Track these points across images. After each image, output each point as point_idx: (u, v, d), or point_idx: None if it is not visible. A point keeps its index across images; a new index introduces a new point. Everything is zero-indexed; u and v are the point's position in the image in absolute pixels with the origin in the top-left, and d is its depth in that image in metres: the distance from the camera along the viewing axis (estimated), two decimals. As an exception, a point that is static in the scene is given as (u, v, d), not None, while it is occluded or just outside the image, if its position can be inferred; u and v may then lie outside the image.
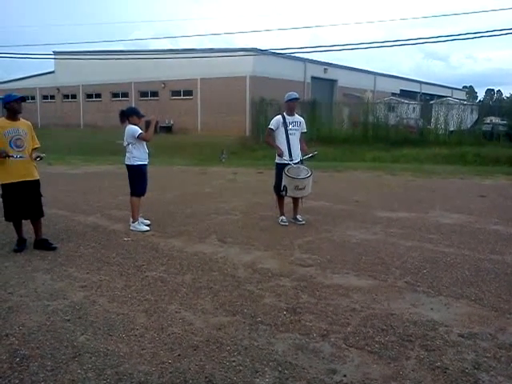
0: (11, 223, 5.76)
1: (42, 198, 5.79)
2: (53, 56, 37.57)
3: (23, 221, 5.77)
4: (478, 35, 18.82)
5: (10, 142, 5.38)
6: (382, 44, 44.62)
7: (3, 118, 5.54)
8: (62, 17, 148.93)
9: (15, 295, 4.24)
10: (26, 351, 3.24)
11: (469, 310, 3.96)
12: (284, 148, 6.98)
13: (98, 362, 3.10)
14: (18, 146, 5.43)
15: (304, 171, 6.94)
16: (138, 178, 6.63)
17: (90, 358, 3.16)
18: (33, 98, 45.29)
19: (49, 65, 42.28)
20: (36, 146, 5.70)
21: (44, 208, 5.83)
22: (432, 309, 3.98)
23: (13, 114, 5.49)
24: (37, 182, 5.66)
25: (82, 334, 3.48)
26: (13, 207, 5.54)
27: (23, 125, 5.58)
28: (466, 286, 4.50)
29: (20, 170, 5.44)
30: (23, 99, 5.60)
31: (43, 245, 5.68)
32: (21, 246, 5.65)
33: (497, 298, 4.20)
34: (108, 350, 3.26)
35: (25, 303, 4.06)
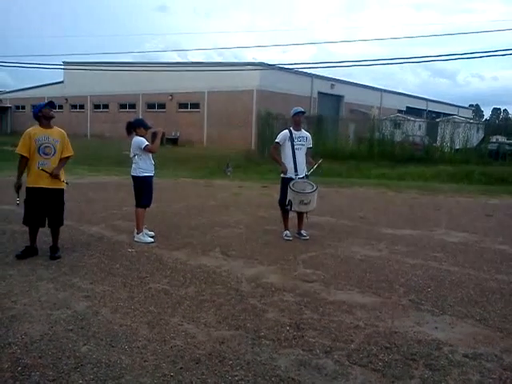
0: (17, 230, 5.80)
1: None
2: (62, 66, 37.93)
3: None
4: (484, 54, 18.83)
5: (39, 148, 5.55)
6: (389, 61, 44.91)
7: (37, 126, 5.71)
8: (72, 28, 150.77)
9: (19, 304, 4.24)
10: (28, 360, 3.23)
11: (474, 330, 3.93)
12: (290, 163, 7.00)
13: (100, 373, 3.09)
14: (45, 154, 5.59)
15: (309, 186, 6.95)
16: (143, 189, 6.64)
17: (92, 368, 3.14)
18: (41, 107, 45.61)
19: (58, 75, 42.73)
20: (67, 155, 5.77)
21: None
22: (436, 328, 3.95)
23: (42, 122, 5.66)
24: (60, 191, 5.76)
25: (85, 345, 3.47)
26: (31, 212, 5.64)
27: (55, 133, 5.70)
28: (470, 306, 4.47)
29: (44, 177, 5.57)
30: (50, 105, 5.75)
31: (52, 251, 5.73)
32: (25, 253, 5.65)
33: (502, 319, 4.16)
34: (110, 361, 3.25)
35: (28, 312, 4.05)
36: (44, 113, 5.63)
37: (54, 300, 4.34)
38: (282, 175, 7.12)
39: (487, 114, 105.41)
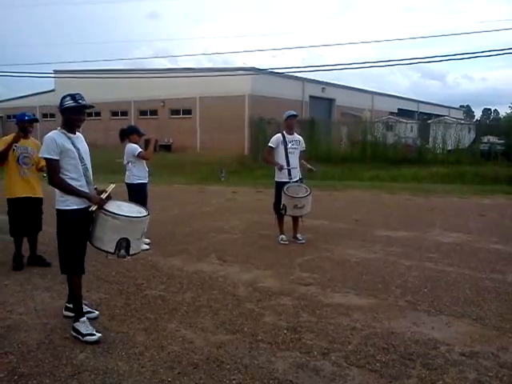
0: (11, 240, 5.79)
1: (43, 215, 5.85)
2: (53, 75, 37.82)
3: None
4: (473, 55, 19.05)
5: (19, 158, 5.57)
6: (379, 64, 45.21)
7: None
8: (63, 36, 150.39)
9: (14, 313, 4.22)
10: (24, 369, 3.21)
11: (470, 329, 3.95)
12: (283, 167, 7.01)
13: (98, 380, 3.08)
14: (25, 164, 5.62)
15: (303, 190, 6.96)
16: (138, 196, 6.61)
17: (90, 376, 3.13)
18: (33, 116, 45.40)
19: (49, 83, 42.57)
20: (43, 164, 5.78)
21: (44, 227, 5.84)
22: (433, 328, 3.97)
23: (24, 133, 5.64)
24: (39, 200, 5.78)
25: (82, 352, 3.46)
26: (17, 223, 5.65)
27: (32, 144, 5.72)
28: (466, 305, 4.49)
29: (25, 187, 5.59)
30: (35, 120, 5.85)
31: (38, 261, 5.73)
32: (19, 263, 5.64)
33: (498, 317, 4.18)
34: (107, 368, 3.24)
35: (24, 321, 4.03)
36: (24, 125, 5.64)
37: (50, 309, 4.33)
38: (276, 179, 7.13)
39: (478, 114, 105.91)
